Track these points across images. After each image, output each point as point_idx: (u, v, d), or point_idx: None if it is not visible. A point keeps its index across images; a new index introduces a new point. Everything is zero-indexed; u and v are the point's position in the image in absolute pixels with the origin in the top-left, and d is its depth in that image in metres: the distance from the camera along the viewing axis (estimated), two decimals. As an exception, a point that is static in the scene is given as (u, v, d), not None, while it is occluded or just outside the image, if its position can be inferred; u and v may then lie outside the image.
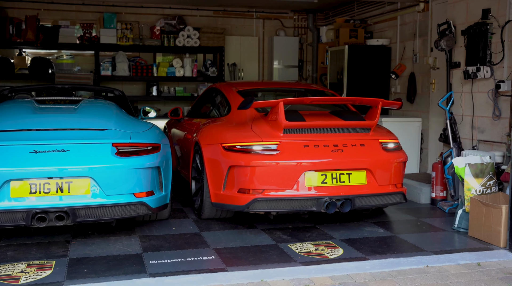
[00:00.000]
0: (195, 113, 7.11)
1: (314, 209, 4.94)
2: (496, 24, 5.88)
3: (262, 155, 4.96)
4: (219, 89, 6.49)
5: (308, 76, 11.83)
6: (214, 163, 5.27)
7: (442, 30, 6.51)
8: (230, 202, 5.10)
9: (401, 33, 8.81)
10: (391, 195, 5.20)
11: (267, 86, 7.05)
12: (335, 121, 5.25)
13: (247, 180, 4.96)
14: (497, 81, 5.78)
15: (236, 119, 5.59)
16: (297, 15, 11.83)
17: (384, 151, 5.23)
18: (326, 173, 4.99)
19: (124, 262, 4.33)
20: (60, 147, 4.53)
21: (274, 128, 5.10)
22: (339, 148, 5.05)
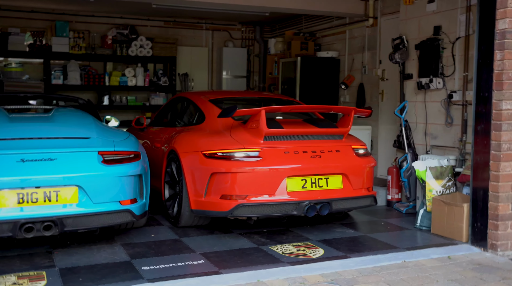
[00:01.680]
0: (160, 122, 7.11)
1: (295, 212, 5.10)
2: (447, 40, 6.42)
3: (244, 161, 5.09)
4: (189, 98, 6.55)
5: (255, 86, 12.14)
6: (194, 170, 5.34)
7: (396, 44, 7.00)
8: (212, 208, 5.19)
9: (349, 46, 9.30)
10: (364, 198, 5.48)
11: (236, 95, 7.18)
12: (312, 129, 5.48)
13: (230, 186, 5.08)
14: (449, 92, 6.31)
15: (212, 127, 5.69)
16: (245, 27, 12.14)
17: (357, 157, 5.50)
18: (306, 178, 5.19)
19: (116, 269, 4.37)
20: (47, 156, 4.52)
21: (254, 136, 5.23)
22: (317, 154, 5.26)
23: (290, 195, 5.11)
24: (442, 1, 6.50)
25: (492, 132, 4.83)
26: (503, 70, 4.72)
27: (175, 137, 5.90)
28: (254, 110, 5.20)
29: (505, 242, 4.85)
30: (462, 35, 6.23)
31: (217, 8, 8.59)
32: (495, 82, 4.79)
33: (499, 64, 4.75)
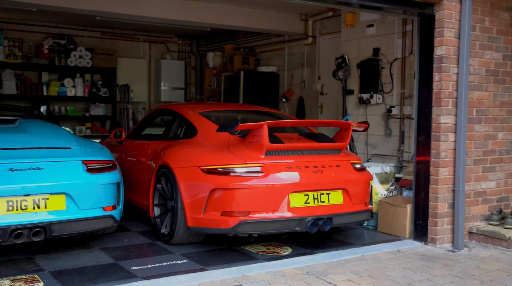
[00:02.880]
0: (141, 135, 6.93)
1: (297, 229, 4.98)
2: (385, 61, 7.24)
3: (247, 177, 4.90)
4: (175, 111, 6.33)
5: (192, 98, 12.56)
6: (191, 186, 5.13)
7: (339, 62, 7.74)
8: (212, 226, 5.00)
9: (289, 62, 10.00)
10: (362, 212, 5.41)
11: (225, 108, 6.86)
12: (313, 143, 5.37)
13: (232, 203, 4.89)
14: (388, 107, 7.12)
15: (206, 141, 5.49)
16: (181, 40, 12.53)
17: (356, 171, 5.41)
18: (309, 194, 5.07)
19: (106, 270, 4.66)
20: (35, 165, 4.72)
21: (255, 150, 5.06)
22: (319, 169, 5.14)
23: (293, 211, 4.98)
24: (381, 26, 7.32)
25: (432, 142, 5.62)
26: (441, 89, 5.53)
27: (166, 151, 5.64)
28: (256, 124, 5.02)
29: (442, 236, 5.64)
30: (399, 56, 7.08)
31: (167, 23, 8.95)
32: (434, 99, 5.59)
33: (438, 84, 5.56)
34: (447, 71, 5.53)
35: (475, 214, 5.86)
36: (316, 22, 9.17)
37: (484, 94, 5.82)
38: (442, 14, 5.50)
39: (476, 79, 5.73)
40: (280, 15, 9.06)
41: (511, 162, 6.12)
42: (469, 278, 4.61)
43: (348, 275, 4.62)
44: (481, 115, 5.81)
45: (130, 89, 11.69)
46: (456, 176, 5.58)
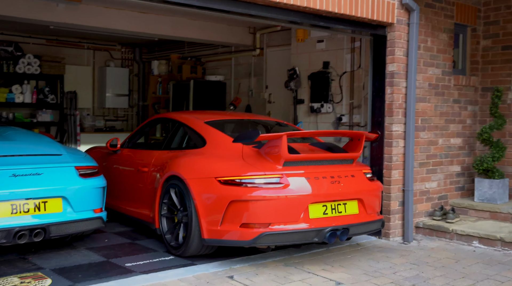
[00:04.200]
0: (138, 144, 6.83)
1: (316, 240, 4.94)
2: (335, 73, 7.99)
3: (267, 188, 4.83)
4: (178, 120, 6.18)
5: (135, 104, 12.79)
6: (207, 198, 5.01)
7: (291, 74, 8.41)
8: (231, 238, 4.89)
9: (235, 72, 10.56)
10: (375, 222, 5.43)
11: (229, 117, 6.56)
12: (328, 154, 5.37)
13: (252, 215, 4.80)
14: (339, 115, 7.87)
15: (216, 151, 5.38)
16: (124, 48, 12.74)
17: (369, 181, 5.44)
18: (327, 204, 5.05)
19: (103, 267, 5.00)
20: (35, 171, 5.00)
21: (272, 161, 4.99)
22: (335, 179, 5.12)
23: (313, 222, 4.93)
24: (330, 42, 8.07)
25: (385, 148, 6.38)
26: (393, 101, 6.32)
27: (175, 162, 5.49)
28: (276, 135, 4.95)
29: (394, 231, 6.42)
30: (348, 70, 7.85)
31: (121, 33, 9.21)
32: (387, 110, 6.37)
33: (390, 97, 6.35)
34: (398, 85, 6.33)
35: (420, 210, 6.71)
36: (263, 35, 9.80)
37: (427, 105, 6.70)
38: (393, 35, 6.30)
39: (421, 92, 6.59)
40: (230, 28, 9.61)
41: (449, 165, 7.05)
42: (424, 265, 5.37)
43: (322, 266, 5.23)
44: (425, 124, 6.68)
45: (78, 96, 11.78)
46: (405, 177, 6.38)
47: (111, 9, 8.05)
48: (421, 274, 5.01)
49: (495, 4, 7.38)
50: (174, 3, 5.00)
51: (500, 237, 5.93)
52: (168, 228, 5.55)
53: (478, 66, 7.52)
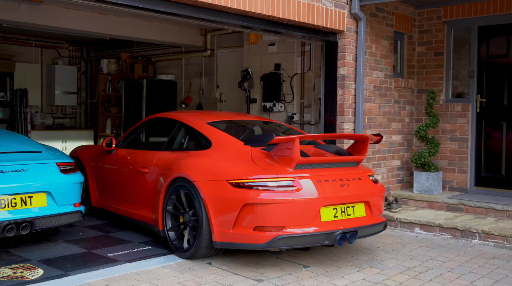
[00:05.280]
0: (135, 144, 6.82)
1: (326, 242, 4.93)
2: (286, 75, 8.61)
3: (281, 191, 4.81)
4: (179, 120, 6.10)
5: (83, 102, 12.91)
6: (219, 200, 4.97)
7: (244, 75, 8.95)
8: (244, 241, 4.86)
9: (186, 71, 10.97)
10: (379, 224, 5.46)
11: (230, 118, 6.45)
12: (337, 157, 5.43)
13: (265, 218, 4.78)
14: (290, 114, 8.49)
15: (223, 153, 5.34)
16: (72, 46, 12.80)
17: (374, 184, 5.49)
18: (337, 207, 5.06)
19: (88, 257, 5.33)
20: (21, 167, 5.27)
21: (283, 164, 4.98)
22: (344, 182, 5.16)
23: (324, 225, 4.93)
24: (281, 45, 8.68)
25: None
26: (344, 102, 7.01)
27: (181, 163, 5.44)
28: (289, 138, 4.97)
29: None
30: (298, 72, 8.49)
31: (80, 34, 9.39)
32: (338, 110, 7.05)
33: (341, 98, 7.03)
34: (348, 87, 7.02)
35: (367, 199, 7.45)
36: (214, 37, 10.27)
37: (373, 105, 7.45)
38: (344, 42, 6.99)
39: (367, 93, 7.32)
40: (183, 30, 10.01)
41: (391, 159, 7.84)
42: (376, 249, 6.04)
43: (291, 253, 5.81)
44: (371, 122, 7.42)
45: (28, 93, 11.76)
46: (355, 170, 7.09)
47: (71, 9, 8.25)
48: (375, 257, 5.66)
49: (428, 14, 8.25)
50: (132, 6, 5.29)
51: (438, 223, 6.73)
52: (173, 231, 5.52)
53: (414, 70, 8.37)
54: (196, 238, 5.17)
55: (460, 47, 8.16)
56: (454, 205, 7.28)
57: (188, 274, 4.92)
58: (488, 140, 7.93)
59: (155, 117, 6.65)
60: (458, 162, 8.00)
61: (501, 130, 7.81)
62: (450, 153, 8.07)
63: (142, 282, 4.66)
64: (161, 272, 4.96)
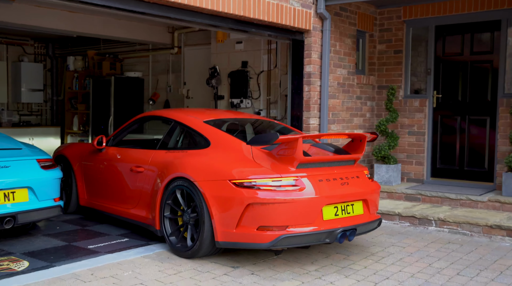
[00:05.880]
0: (127, 142, 6.79)
1: (327, 240, 4.98)
2: (253, 72, 8.93)
3: (284, 190, 4.82)
4: (174, 119, 6.05)
5: (49, 99, 12.91)
6: (222, 200, 4.95)
7: (212, 72, 9.21)
8: (247, 241, 4.87)
9: (153, 69, 11.16)
10: (376, 221, 5.52)
11: (225, 116, 6.47)
12: (336, 156, 5.49)
13: (269, 217, 4.79)
14: (257, 110, 8.81)
15: (225, 152, 5.32)
16: (37, 44, 12.78)
17: (371, 181, 5.57)
18: (338, 206, 5.11)
19: (70, 250, 5.53)
20: (3, 164, 5.43)
21: (285, 163, 4.99)
22: (344, 180, 5.21)
23: (326, 224, 4.98)
24: (248, 43, 8.98)
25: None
26: (310, 98, 7.38)
27: (180, 162, 5.41)
28: (292, 138, 4.98)
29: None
30: (265, 69, 8.82)
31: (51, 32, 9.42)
32: (304, 106, 7.42)
33: (307, 94, 7.40)
34: (314, 84, 7.40)
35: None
36: (181, 35, 10.49)
37: (336, 101, 7.85)
38: (310, 40, 7.35)
39: (331, 90, 7.71)
40: (151, 27, 10.19)
41: (354, 151, 8.27)
42: (341, 233, 6.46)
43: (260, 238, 6.13)
44: (335, 117, 7.82)
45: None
46: (321, 162, 7.47)
47: (42, 8, 8.33)
48: (341, 245, 6.00)
49: (388, 14, 8.71)
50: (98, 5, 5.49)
51: (398, 212, 7.17)
52: (172, 230, 5.49)
53: (375, 67, 8.82)
54: (197, 238, 5.14)
55: (418, 45, 8.65)
56: (412, 195, 7.75)
57: (167, 263, 5.19)
58: (444, 134, 8.45)
59: (147, 116, 6.63)
60: (415, 154, 8.50)
61: (455, 124, 8.34)
62: (408, 146, 8.56)
63: (125, 270, 4.92)
64: (142, 261, 5.22)
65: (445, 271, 5.20)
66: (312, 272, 5.05)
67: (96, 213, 6.85)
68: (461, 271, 5.22)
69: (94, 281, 4.62)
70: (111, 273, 4.83)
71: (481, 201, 7.22)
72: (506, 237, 6.33)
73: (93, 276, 4.74)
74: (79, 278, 4.68)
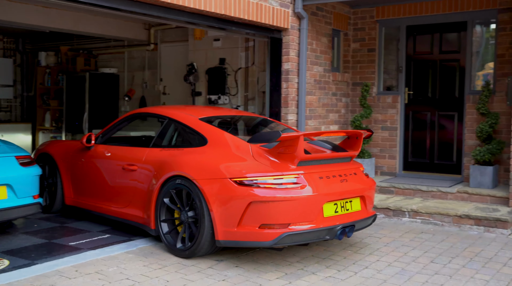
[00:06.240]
0: (117, 140, 6.66)
1: (327, 237, 4.98)
2: (231, 69, 9.00)
3: (286, 188, 4.80)
4: (168, 116, 5.94)
5: (19, 95, 12.73)
6: (223, 199, 4.88)
7: (189, 69, 9.25)
8: (249, 239, 4.84)
9: (129, 65, 11.12)
10: (372, 217, 5.57)
11: (219, 113, 6.32)
12: (334, 153, 5.47)
13: (271, 215, 4.75)
14: (235, 106, 8.89)
15: (224, 150, 5.25)
16: (6, 38, 12.56)
17: (367, 178, 5.60)
18: (337, 202, 5.11)
19: (50, 247, 5.51)
20: (-18, 161, 5.38)
21: (285, 161, 4.97)
22: (343, 177, 5.22)
23: (326, 221, 4.97)
24: (226, 41, 9.05)
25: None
26: (288, 94, 7.50)
27: (177, 161, 5.32)
28: (294, 136, 4.94)
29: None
30: (243, 66, 8.90)
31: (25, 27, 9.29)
32: (283, 102, 7.53)
33: (285, 91, 7.52)
34: (292, 81, 7.52)
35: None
36: (158, 31, 10.48)
37: (313, 98, 7.99)
38: (288, 39, 7.47)
39: (308, 87, 7.84)
40: (127, 24, 10.14)
41: (330, 147, 8.43)
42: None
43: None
44: (311, 113, 7.96)
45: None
46: (298, 158, 7.60)
47: (16, 3, 8.22)
48: (320, 235, 6.22)
49: (362, 14, 8.89)
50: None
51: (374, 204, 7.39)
52: (169, 230, 5.41)
53: (349, 65, 9.00)
54: (196, 237, 5.06)
55: (391, 44, 8.87)
56: (386, 188, 7.97)
57: (151, 258, 5.25)
58: (415, 129, 8.70)
59: (138, 113, 6.49)
60: (388, 148, 8.72)
61: (426, 119, 8.60)
62: (382, 140, 8.77)
63: (109, 266, 4.95)
64: (126, 257, 5.25)
65: (419, 259, 5.44)
66: (294, 263, 5.19)
67: (79, 211, 6.74)
68: (435, 259, 5.46)
69: (79, 277, 4.64)
70: (96, 269, 4.86)
71: (450, 192, 7.51)
72: (474, 226, 6.64)
73: (77, 272, 4.76)
74: (64, 274, 4.69)
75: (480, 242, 6.13)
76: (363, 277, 4.86)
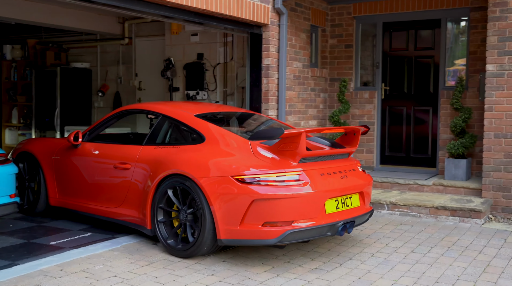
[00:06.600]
0: (107, 137, 6.53)
1: (329, 234, 4.97)
2: (209, 64, 8.93)
3: (289, 185, 4.75)
4: (161, 113, 5.77)
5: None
6: (225, 197, 4.79)
7: (166, 64, 9.14)
8: (252, 237, 4.77)
9: (102, 59, 10.90)
10: (369, 212, 5.56)
11: (214, 110, 6.33)
12: (334, 149, 5.45)
13: (275, 213, 4.69)
14: (214, 101, 8.83)
15: (223, 148, 5.15)
16: (-32, 31, 12.14)
17: (365, 174, 5.61)
18: (338, 199, 5.10)
19: (31, 247, 5.38)
20: (-44, 159, 5.20)
21: (287, 158, 4.91)
22: (343, 174, 5.21)
23: (328, 217, 4.96)
24: (204, 36, 8.97)
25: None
26: (268, 90, 7.49)
27: (175, 159, 5.19)
28: (296, 132, 4.87)
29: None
30: (221, 61, 8.84)
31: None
32: (263, 97, 7.52)
33: (266, 86, 7.50)
34: (272, 77, 7.51)
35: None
36: (132, 25, 10.31)
37: (293, 93, 8.00)
38: (268, 34, 7.45)
39: (288, 82, 7.84)
40: (100, 17, 9.93)
41: (310, 142, 8.46)
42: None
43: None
44: (291, 109, 7.97)
45: None
46: (279, 154, 7.61)
47: (-14, -5, 7.97)
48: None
49: (339, 10, 8.93)
50: None
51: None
52: (167, 230, 5.29)
53: (327, 61, 9.04)
54: (197, 237, 4.97)
55: (367, 40, 8.95)
56: (365, 184, 8.06)
57: (137, 254, 5.18)
58: (391, 123, 8.82)
59: (128, 109, 6.30)
60: (366, 143, 8.81)
61: (402, 114, 8.73)
62: (359, 136, 8.84)
63: (95, 264, 4.86)
64: (111, 254, 5.17)
65: (400, 249, 5.59)
66: (280, 256, 5.22)
67: (65, 212, 6.50)
68: (414, 249, 5.63)
69: (65, 276, 4.54)
70: (82, 268, 4.76)
71: (427, 185, 7.71)
72: (450, 216, 6.86)
73: (63, 271, 4.66)
74: (48, 274, 4.59)
75: (456, 231, 6.34)
76: (348, 268, 4.94)
